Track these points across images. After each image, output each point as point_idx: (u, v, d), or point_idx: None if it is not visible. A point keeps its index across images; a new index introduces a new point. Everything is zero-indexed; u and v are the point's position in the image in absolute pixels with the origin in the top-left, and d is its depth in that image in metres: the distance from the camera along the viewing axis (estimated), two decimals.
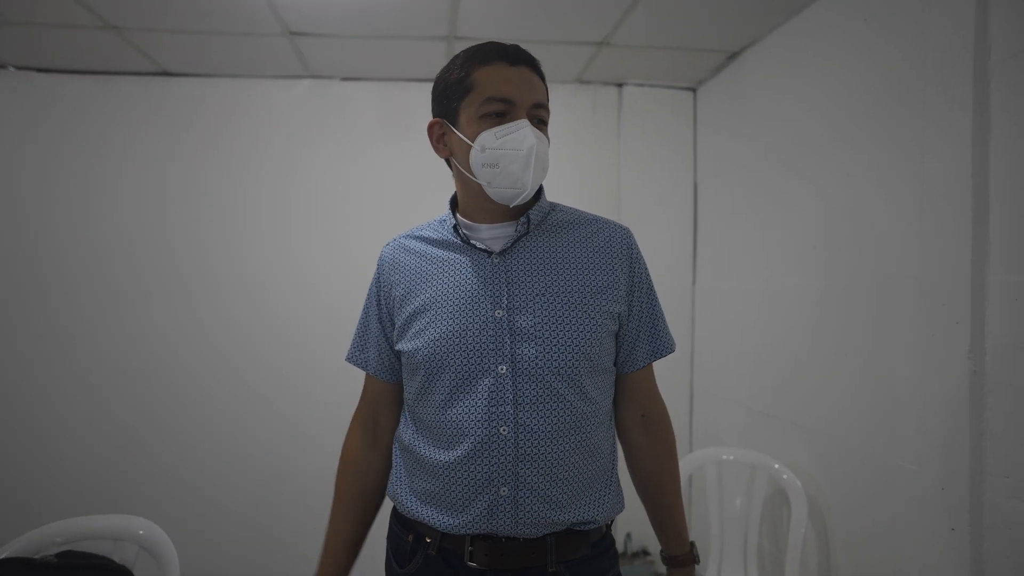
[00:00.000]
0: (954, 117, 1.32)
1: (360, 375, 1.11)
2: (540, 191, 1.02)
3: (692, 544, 1.05)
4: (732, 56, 2.26)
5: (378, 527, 1.07)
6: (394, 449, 1.04)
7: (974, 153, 1.28)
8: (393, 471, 1.02)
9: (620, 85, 2.56)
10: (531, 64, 0.94)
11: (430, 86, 2.75)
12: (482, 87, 0.91)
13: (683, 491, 1.96)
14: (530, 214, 0.96)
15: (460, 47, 2.18)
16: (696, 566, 1.05)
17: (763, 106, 2.10)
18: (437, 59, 2.28)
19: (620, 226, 1.01)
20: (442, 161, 1.02)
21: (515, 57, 0.92)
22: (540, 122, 0.93)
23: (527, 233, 0.96)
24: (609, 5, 1.87)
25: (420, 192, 2.43)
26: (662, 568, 2.55)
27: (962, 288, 1.30)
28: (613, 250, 0.97)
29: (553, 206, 1.01)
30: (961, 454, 1.30)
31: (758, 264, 2.11)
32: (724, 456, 1.89)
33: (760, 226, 2.10)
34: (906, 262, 1.47)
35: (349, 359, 1.08)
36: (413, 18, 1.97)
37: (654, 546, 2.48)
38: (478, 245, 0.95)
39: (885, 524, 1.53)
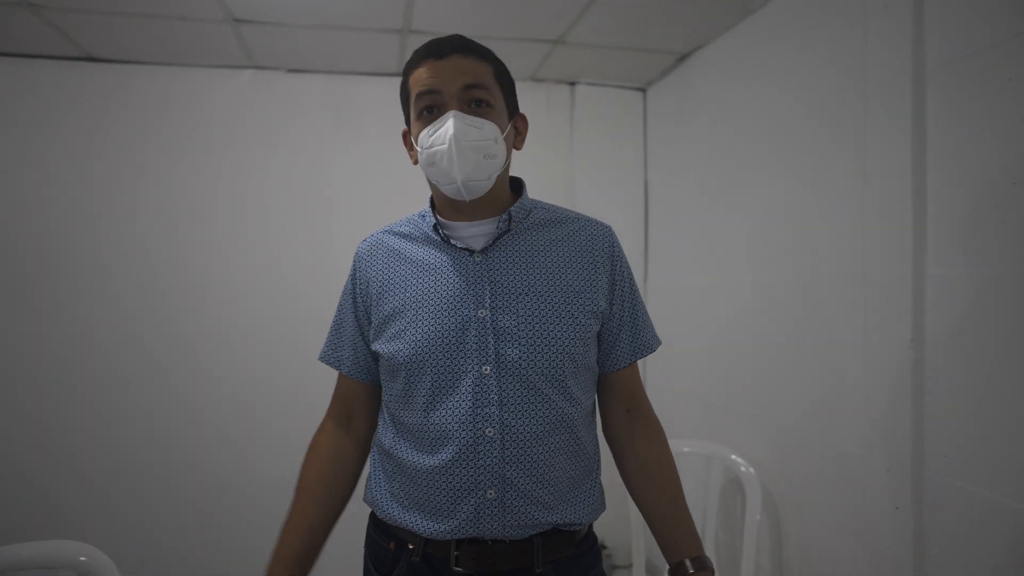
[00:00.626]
0: (894, 119, 1.41)
1: (323, 378, 1.06)
2: (522, 186, 1.01)
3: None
4: (682, 58, 2.32)
5: (356, 535, 1.03)
6: (372, 453, 1.00)
7: (913, 153, 1.37)
8: (371, 476, 0.99)
9: (573, 84, 2.58)
10: (462, 50, 0.90)
11: (382, 81, 2.67)
12: (413, 88, 0.92)
13: None
14: (512, 211, 0.94)
15: (415, 41, 2.15)
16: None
17: (711, 107, 2.17)
18: (390, 53, 2.22)
19: (602, 224, 1.01)
20: (394, 159, 1.02)
21: (440, 50, 0.89)
22: (477, 103, 0.89)
23: (508, 231, 0.94)
24: (566, 3, 1.88)
25: (370, 190, 2.38)
26: (620, 560, 2.60)
27: (904, 281, 1.38)
28: (595, 248, 0.97)
29: (534, 203, 1.00)
30: (904, 438, 1.38)
31: (709, 260, 2.18)
32: (684, 448, 1.94)
33: (710, 224, 2.17)
34: (851, 257, 1.55)
35: (322, 358, 1.04)
36: (366, 9, 1.91)
37: (612, 540, 2.52)
38: (458, 244, 0.93)
39: (833, 507, 1.61)
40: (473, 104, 0.89)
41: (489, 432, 0.87)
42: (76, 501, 2.17)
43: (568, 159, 2.59)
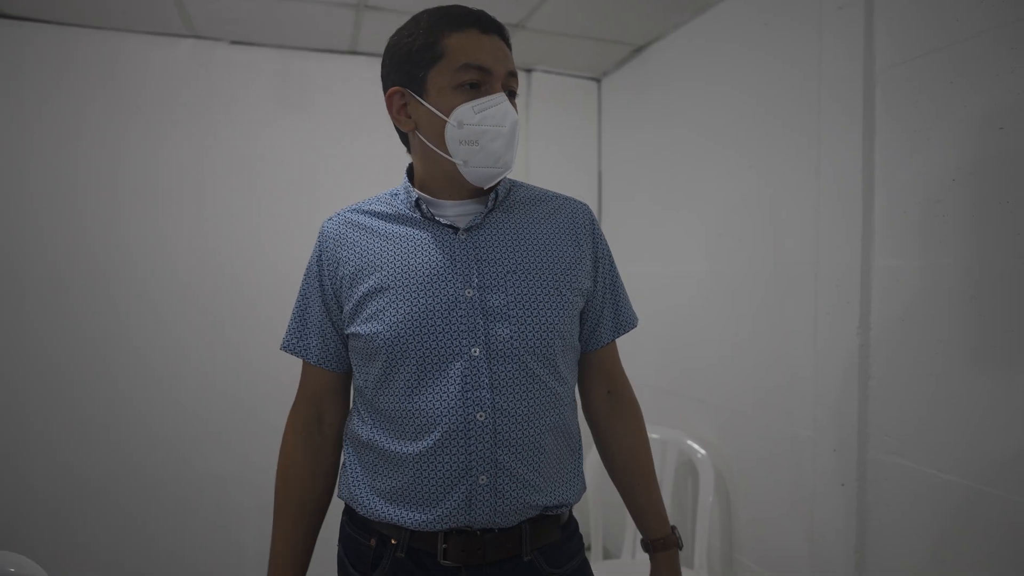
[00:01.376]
0: (846, 117, 1.48)
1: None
2: None
3: (674, 528, 1.03)
4: (638, 49, 2.34)
5: (328, 530, 0.98)
6: (345, 445, 0.96)
7: (863, 150, 1.44)
8: (346, 470, 0.94)
9: (529, 71, 2.56)
10: (501, 32, 0.90)
11: (332, 57, 2.55)
12: (455, 55, 0.84)
13: (598, 474, 2.04)
14: (498, 190, 0.92)
15: (371, 17, 2.07)
16: (679, 551, 1.02)
17: (666, 99, 2.21)
18: (343, 30, 2.12)
19: (580, 202, 1.00)
20: (343, 140, 0.96)
21: (487, 24, 0.87)
22: (512, 94, 0.90)
23: (493, 209, 0.92)
24: None
25: (317, 171, 2.28)
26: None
27: (852, 272, 1.46)
28: (577, 226, 0.96)
29: (512, 182, 0.98)
30: (850, 419, 1.46)
31: (663, 250, 2.22)
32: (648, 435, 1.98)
33: (664, 213, 2.22)
34: (803, 248, 1.62)
35: (286, 348, 0.97)
36: None
37: None
38: (443, 221, 0.90)
39: (783, 487, 1.69)
40: (509, 93, 0.88)
41: (480, 416, 0.84)
42: (11, 508, 1.97)
43: (522, 146, 2.58)
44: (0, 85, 1.97)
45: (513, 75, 0.89)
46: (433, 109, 0.86)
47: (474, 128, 0.84)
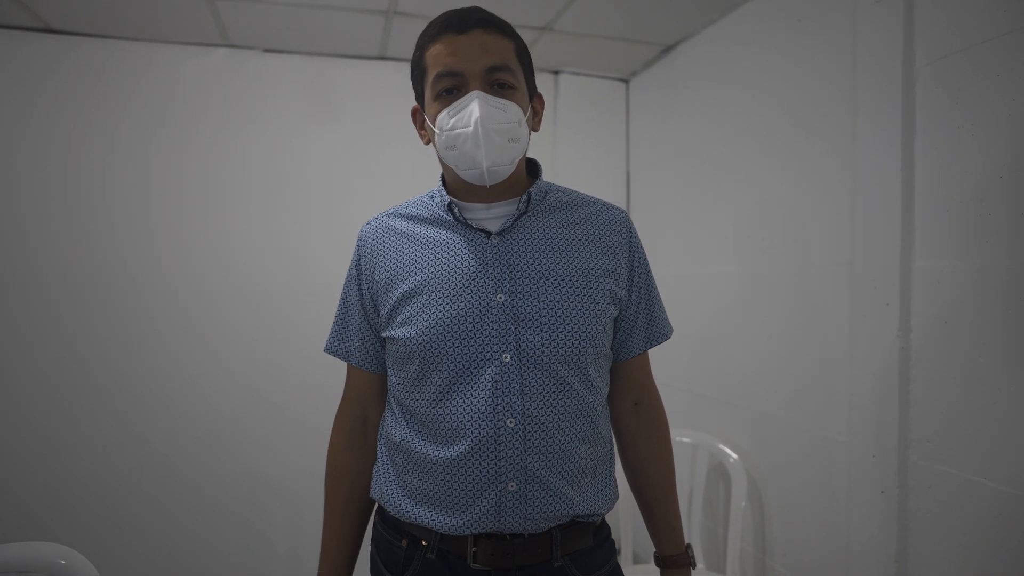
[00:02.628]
0: (884, 113, 1.43)
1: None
2: (537, 167, 0.98)
3: (688, 546, 1.02)
4: (666, 49, 2.32)
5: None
6: (379, 446, 0.97)
7: (903, 147, 1.40)
8: (379, 470, 0.95)
9: (556, 73, 2.56)
10: (484, 25, 0.86)
11: (362, 64, 2.59)
12: (431, 66, 0.87)
13: None
14: (531, 192, 0.91)
15: (400, 23, 2.10)
16: (692, 569, 1.01)
17: (696, 99, 2.18)
18: (373, 36, 2.15)
19: (618, 208, 0.99)
20: (373, 145, 0.97)
21: (462, 24, 0.85)
22: (501, 86, 0.86)
23: (525, 212, 0.91)
24: None
25: (348, 177, 2.31)
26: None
27: (891, 273, 1.42)
28: (614, 233, 0.95)
29: (549, 186, 0.98)
30: (890, 424, 1.42)
31: (693, 252, 2.19)
32: (679, 439, 1.96)
33: (694, 215, 2.19)
34: (839, 249, 1.58)
35: (329, 350, 0.99)
36: None
37: None
38: (474, 225, 0.90)
39: (819, 493, 1.65)
40: (496, 86, 0.86)
41: (510, 423, 0.84)
42: (49, 503, 2.05)
43: (550, 148, 2.57)
44: (38, 97, 2.05)
45: (498, 68, 0.85)
46: (429, 122, 0.89)
47: (450, 134, 0.85)
